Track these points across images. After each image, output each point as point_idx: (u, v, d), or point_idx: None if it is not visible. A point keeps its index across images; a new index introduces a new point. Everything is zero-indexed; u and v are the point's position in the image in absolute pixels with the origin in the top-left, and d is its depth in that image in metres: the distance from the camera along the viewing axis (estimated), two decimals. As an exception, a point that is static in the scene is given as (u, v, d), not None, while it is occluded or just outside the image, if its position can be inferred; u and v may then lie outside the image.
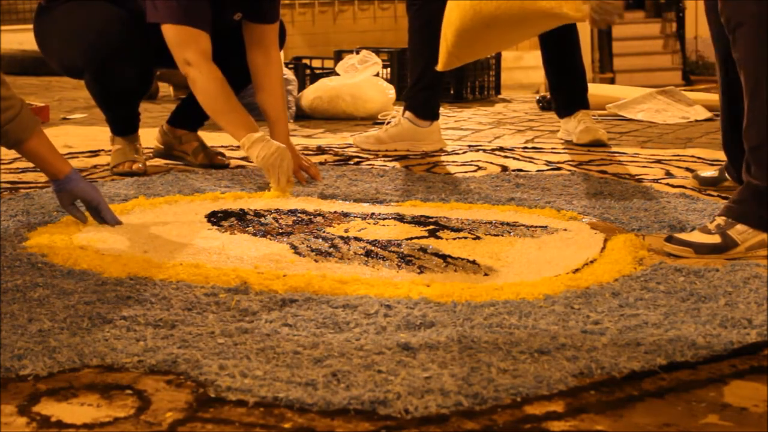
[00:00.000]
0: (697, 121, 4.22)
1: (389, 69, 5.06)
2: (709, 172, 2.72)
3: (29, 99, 4.87)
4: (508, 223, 2.27)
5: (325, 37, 9.29)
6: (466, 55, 2.91)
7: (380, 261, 1.96)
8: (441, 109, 3.56)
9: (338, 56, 4.92)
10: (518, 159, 3.19)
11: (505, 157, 3.25)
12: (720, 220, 2.00)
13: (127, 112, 2.99)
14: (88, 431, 1.20)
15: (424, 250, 2.04)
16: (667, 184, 2.74)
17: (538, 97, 5.01)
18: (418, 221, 2.30)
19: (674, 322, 1.53)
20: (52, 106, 4.76)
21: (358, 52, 4.58)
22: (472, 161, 3.17)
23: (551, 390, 1.29)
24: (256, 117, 2.83)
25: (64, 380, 1.34)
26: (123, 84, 2.86)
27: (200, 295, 1.69)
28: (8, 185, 2.73)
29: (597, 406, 1.26)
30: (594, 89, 4.10)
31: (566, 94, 3.57)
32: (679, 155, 3.24)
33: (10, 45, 7.30)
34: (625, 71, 11.61)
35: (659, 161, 3.12)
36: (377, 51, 4.84)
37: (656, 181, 2.79)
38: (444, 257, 1.98)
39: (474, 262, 1.95)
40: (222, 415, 1.24)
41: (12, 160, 3.07)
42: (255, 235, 2.18)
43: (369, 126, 4.13)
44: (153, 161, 3.16)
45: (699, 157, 3.18)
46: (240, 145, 2.71)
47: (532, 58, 8.31)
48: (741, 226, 1.98)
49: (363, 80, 4.38)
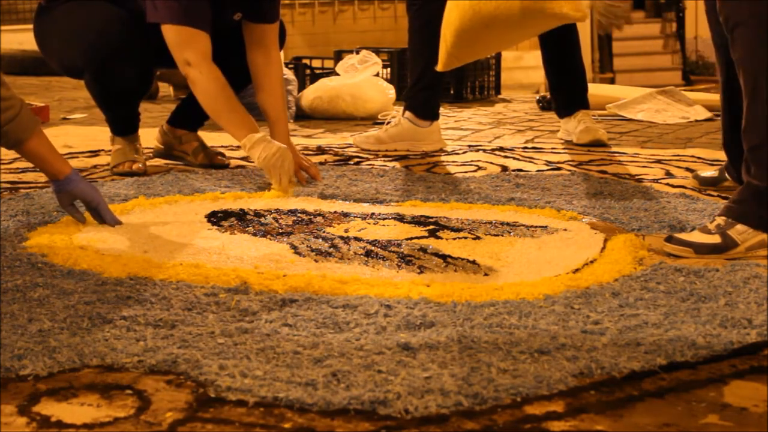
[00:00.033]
0: (697, 121, 4.22)
1: (389, 69, 5.06)
2: (709, 172, 2.71)
3: (29, 99, 4.87)
4: (508, 223, 2.27)
5: (325, 37, 9.29)
6: (465, 56, 2.91)
7: (380, 261, 1.96)
8: (441, 109, 3.56)
9: (338, 56, 4.92)
10: (518, 159, 3.19)
11: (505, 157, 3.25)
12: (720, 220, 2.00)
13: (127, 112, 2.99)
14: (88, 431, 1.20)
15: (424, 250, 2.04)
16: (667, 184, 2.74)
17: (538, 97, 5.01)
18: (418, 221, 2.30)
19: (674, 322, 1.53)
20: (52, 106, 4.75)
21: (358, 52, 4.58)
22: (472, 161, 3.16)
23: (551, 390, 1.29)
24: (256, 117, 2.83)
25: (64, 380, 1.34)
26: (123, 84, 2.86)
27: (200, 295, 1.69)
28: (8, 185, 2.73)
29: (597, 406, 1.26)
30: (594, 89, 4.10)
31: (566, 94, 3.57)
32: (679, 155, 3.24)
33: (10, 45, 7.30)
34: (625, 71, 11.61)
35: (659, 161, 3.12)
36: (377, 51, 4.84)
37: (656, 181, 2.79)
38: (444, 257, 1.98)
39: (474, 262, 1.95)
40: (222, 415, 1.24)
41: (12, 160, 3.06)
42: (255, 235, 2.18)
43: (369, 126, 4.13)
44: (153, 161, 3.16)
45: (699, 157, 3.18)
46: (241, 146, 2.71)
47: (532, 58, 8.31)
48: (741, 226, 1.98)
49: (363, 80, 4.38)
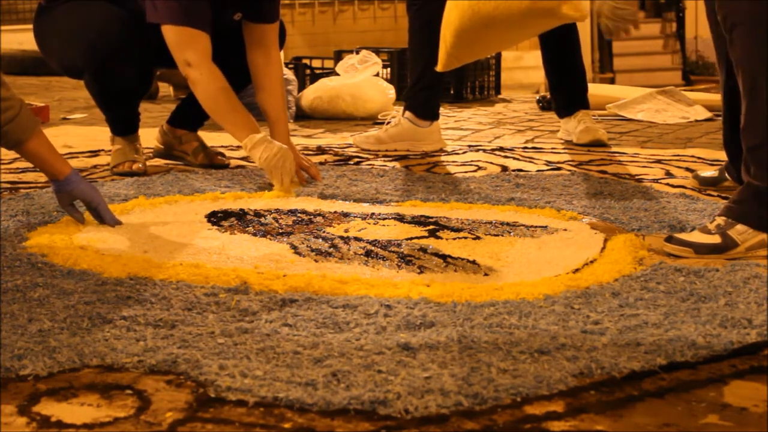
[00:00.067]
0: (697, 121, 4.22)
1: (389, 69, 5.06)
2: (709, 172, 2.71)
3: (29, 99, 4.87)
4: (508, 223, 2.27)
5: (325, 37, 9.28)
6: (465, 56, 2.91)
7: (380, 261, 1.96)
8: (441, 109, 3.56)
9: (338, 56, 4.92)
10: (518, 159, 3.19)
11: (505, 157, 3.25)
12: (720, 220, 2.00)
13: (127, 112, 2.99)
14: (88, 431, 1.20)
15: (424, 250, 2.04)
16: (667, 184, 2.74)
17: (538, 97, 5.01)
18: (418, 221, 2.30)
19: (674, 322, 1.53)
20: (52, 106, 4.75)
21: (358, 52, 4.58)
22: (472, 161, 3.16)
23: (551, 390, 1.29)
24: (256, 117, 2.83)
25: (64, 380, 1.34)
26: (123, 84, 2.86)
27: (200, 295, 1.69)
28: (8, 185, 2.73)
29: (597, 406, 1.26)
30: (594, 89, 4.10)
31: (566, 94, 3.57)
32: (679, 155, 3.24)
33: (10, 45, 7.29)
34: (625, 71, 11.60)
35: (659, 161, 3.12)
36: (377, 51, 4.84)
37: (656, 181, 2.79)
38: (444, 257, 1.98)
39: (474, 262, 1.95)
40: (222, 415, 1.24)
41: (12, 160, 3.06)
42: (255, 235, 2.18)
43: (369, 126, 4.13)
44: (153, 161, 3.16)
45: (699, 157, 3.18)
46: (242, 146, 2.71)
47: (532, 58, 8.30)
48: (741, 227, 1.98)
49: (363, 80, 4.38)
